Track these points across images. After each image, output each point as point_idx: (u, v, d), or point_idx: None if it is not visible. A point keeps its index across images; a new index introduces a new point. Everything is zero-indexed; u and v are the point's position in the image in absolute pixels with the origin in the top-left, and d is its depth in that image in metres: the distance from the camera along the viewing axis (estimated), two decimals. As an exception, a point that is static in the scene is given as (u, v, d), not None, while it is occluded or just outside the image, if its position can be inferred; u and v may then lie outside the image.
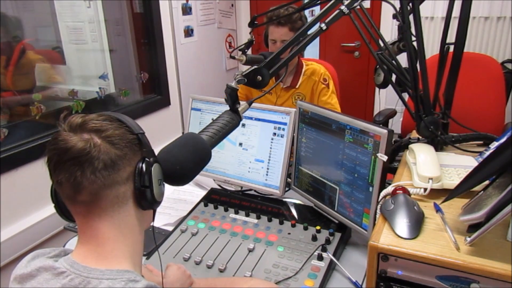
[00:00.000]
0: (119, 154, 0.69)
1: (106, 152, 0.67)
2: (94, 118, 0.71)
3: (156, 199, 0.75)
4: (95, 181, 0.67)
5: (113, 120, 0.72)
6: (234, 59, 1.14)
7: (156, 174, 0.74)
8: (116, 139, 0.69)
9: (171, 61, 2.80)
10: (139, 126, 0.75)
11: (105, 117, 0.72)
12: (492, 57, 2.46)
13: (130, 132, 0.72)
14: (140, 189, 0.72)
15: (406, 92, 1.22)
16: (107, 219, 0.70)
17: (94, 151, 0.67)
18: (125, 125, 0.72)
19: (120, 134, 0.70)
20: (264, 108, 1.42)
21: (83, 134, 0.68)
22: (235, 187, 1.50)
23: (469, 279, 0.76)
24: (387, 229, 0.88)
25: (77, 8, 2.31)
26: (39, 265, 0.72)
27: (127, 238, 0.73)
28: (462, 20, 1.21)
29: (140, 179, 0.72)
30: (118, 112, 0.77)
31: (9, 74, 1.91)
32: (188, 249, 1.21)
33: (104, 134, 0.68)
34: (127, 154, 0.70)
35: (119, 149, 0.69)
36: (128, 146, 0.71)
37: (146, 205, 0.74)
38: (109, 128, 0.69)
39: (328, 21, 1.02)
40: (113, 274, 0.68)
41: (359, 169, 1.13)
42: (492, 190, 0.80)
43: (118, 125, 0.71)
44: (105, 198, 0.69)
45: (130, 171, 0.71)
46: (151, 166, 0.73)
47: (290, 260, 1.12)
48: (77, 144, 0.66)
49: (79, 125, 0.69)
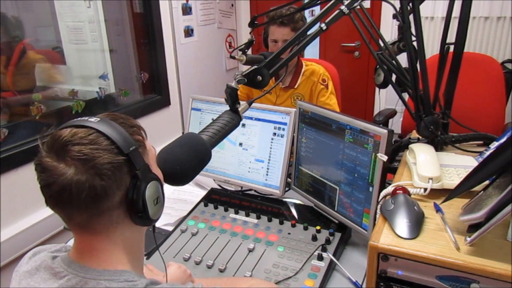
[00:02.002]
0: (106, 185, 0.63)
1: (92, 186, 0.62)
2: (79, 139, 0.63)
3: (152, 219, 0.71)
4: (84, 213, 0.65)
5: (102, 138, 0.65)
6: (234, 59, 1.14)
7: (152, 194, 0.69)
8: (103, 170, 0.63)
9: (171, 61, 2.80)
10: (135, 132, 0.70)
11: (92, 136, 0.64)
12: (492, 57, 2.46)
13: (121, 153, 0.65)
14: (133, 212, 0.68)
15: (406, 92, 1.22)
16: (103, 238, 0.69)
17: (78, 186, 0.62)
18: (115, 145, 0.65)
19: (108, 161, 0.63)
20: (264, 108, 1.42)
21: (66, 161, 0.62)
22: (235, 187, 1.50)
23: (469, 279, 0.76)
24: (387, 229, 0.88)
25: (77, 8, 2.31)
26: (39, 263, 0.72)
27: (125, 248, 0.71)
28: (462, 20, 1.21)
29: (132, 204, 0.67)
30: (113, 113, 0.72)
31: (9, 74, 1.91)
32: (188, 249, 1.21)
33: (90, 164, 0.62)
34: (116, 180, 0.64)
35: (106, 179, 0.63)
36: (117, 170, 0.64)
37: (142, 224, 0.72)
38: (95, 157, 0.62)
39: (328, 21, 1.02)
40: (111, 274, 0.67)
41: (359, 169, 1.13)
42: (492, 190, 0.80)
43: (106, 147, 0.64)
44: (98, 223, 0.67)
45: (122, 194, 0.66)
46: (145, 187, 0.67)
47: (290, 260, 1.12)
48: (59, 179, 0.62)
49: (62, 147, 0.63)
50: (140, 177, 0.67)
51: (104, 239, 0.69)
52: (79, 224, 0.67)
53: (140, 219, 0.69)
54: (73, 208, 0.64)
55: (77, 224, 0.68)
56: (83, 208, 0.64)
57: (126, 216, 0.69)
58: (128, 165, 0.66)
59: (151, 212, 0.70)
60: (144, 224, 0.72)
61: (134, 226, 0.71)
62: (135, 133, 0.71)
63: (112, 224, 0.68)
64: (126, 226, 0.70)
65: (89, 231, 0.68)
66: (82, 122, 0.66)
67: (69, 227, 0.70)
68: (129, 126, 0.70)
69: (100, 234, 0.68)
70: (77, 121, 0.67)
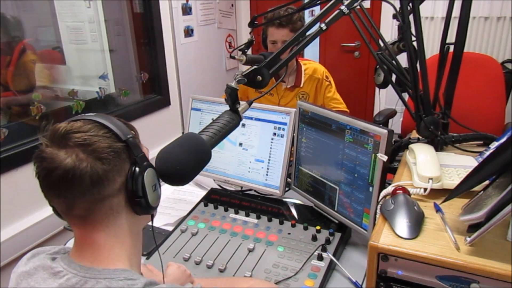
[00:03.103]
0: (107, 169, 0.66)
1: (93, 169, 0.64)
2: (79, 128, 0.67)
3: (152, 206, 0.73)
4: (85, 199, 0.66)
5: (99, 127, 0.68)
6: (234, 59, 1.14)
7: (150, 181, 0.71)
8: (103, 153, 0.65)
9: (171, 61, 2.80)
10: (128, 128, 0.72)
11: (91, 125, 0.68)
12: (492, 57, 2.46)
13: (119, 140, 0.68)
14: (133, 198, 0.70)
15: (406, 92, 1.22)
16: (103, 229, 0.70)
17: (80, 170, 0.64)
18: (113, 132, 0.68)
19: (108, 145, 0.66)
20: (264, 108, 1.42)
21: (67, 148, 0.64)
22: (235, 187, 1.50)
23: (469, 279, 0.76)
24: (387, 229, 0.88)
25: (77, 8, 2.31)
26: (38, 264, 0.72)
27: (124, 243, 0.72)
28: (462, 20, 1.21)
29: (132, 189, 0.69)
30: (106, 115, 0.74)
31: (9, 74, 1.91)
32: (188, 249, 1.21)
33: (91, 149, 0.65)
34: (116, 165, 0.67)
35: (106, 163, 0.66)
36: (117, 156, 0.67)
37: (142, 212, 0.73)
38: (95, 141, 0.66)
39: (328, 21, 1.02)
40: (110, 273, 0.68)
41: (359, 169, 1.13)
42: (492, 190, 0.80)
43: (104, 134, 0.67)
44: (99, 211, 0.68)
45: (121, 181, 0.69)
46: (143, 173, 0.70)
47: (290, 260, 1.12)
48: (61, 165, 0.63)
49: (63, 136, 0.65)
50: (139, 162, 0.70)
51: (103, 231, 0.70)
52: (80, 215, 0.68)
53: (139, 207, 0.71)
54: (75, 195, 0.66)
55: (78, 216, 0.69)
56: (86, 193, 0.65)
57: (126, 205, 0.71)
58: (127, 151, 0.69)
59: (150, 198, 0.72)
60: (143, 211, 0.73)
61: (133, 217, 0.73)
62: (129, 128, 0.74)
63: (113, 213, 0.70)
64: (125, 216, 0.72)
65: (89, 223, 0.69)
66: (79, 117, 0.70)
67: (69, 221, 0.71)
68: (124, 123, 0.74)
69: (100, 225, 0.69)
70: (74, 117, 0.70)
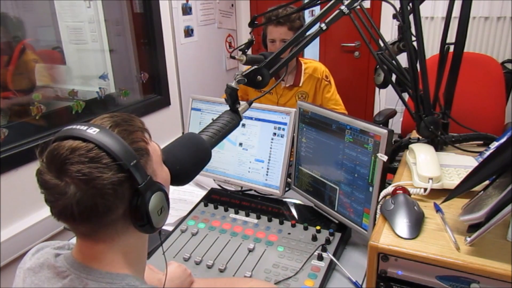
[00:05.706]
0: (108, 203, 0.62)
1: (94, 205, 0.61)
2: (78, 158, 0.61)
3: (158, 228, 0.71)
4: (88, 225, 0.65)
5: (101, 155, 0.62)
6: (234, 59, 1.14)
7: (155, 206, 0.67)
8: (104, 189, 0.61)
9: (171, 61, 2.80)
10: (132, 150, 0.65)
11: (92, 154, 0.61)
12: (492, 57, 2.46)
13: (122, 169, 0.63)
14: (137, 224, 0.68)
15: (406, 92, 1.22)
16: (107, 245, 0.69)
17: (79, 207, 0.61)
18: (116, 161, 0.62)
19: (109, 181, 0.61)
20: (264, 108, 1.42)
21: (67, 179, 0.60)
22: (235, 187, 1.50)
23: (469, 279, 0.76)
24: (387, 229, 0.88)
25: (77, 8, 2.31)
26: (42, 260, 0.72)
27: (128, 253, 0.71)
28: (462, 20, 1.21)
29: (136, 217, 0.67)
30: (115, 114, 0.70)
31: (9, 74, 1.91)
32: (188, 249, 1.21)
33: (92, 185, 0.60)
34: (118, 197, 0.63)
35: (107, 198, 0.62)
36: (120, 186, 0.63)
37: (148, 232, 0.72)
38: (96, 177, 0.60)
39: (328, 21, 1.02)
40: (113, 277, 0.67)
41: (359, 169, 1.13)
42: (492, 190, 0.80)
43: (106, 163, 0.62)
44: (103, 233, 0.67)
45: (125, 207, 0.66)
46: (148, 200, 0.66)
47: (290, 260, 1.12)
48: (60, 199, 0.61)
49: (62, 164, 0.61)
50: (142, 192, 0.65)
51: (108, 246, 0.69)
52: (84, 233, 0.68)
53: (144, 228, 0.69)
54: (76, 223, 0.65)
55: (82, 233, 0.69)
56: (87, 222, 0.64)
57: (131, 225, 0.69)
58: (130, 180, 0.64)
59: (155, 222, 0.69)
60: (148, 232, 0.72)
61: (139, 233, 0.71)
62: (137, 139, 0.68)
63: (118, 234, 0.68)
64: (131, 234, 0.70)
65: (93, 239, 0.68)
66: (81, 133, 0.63)
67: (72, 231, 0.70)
68: (130, 132, 0.68)
69: (104, 242, 0.68)
70: (76, 130, 0.64)
